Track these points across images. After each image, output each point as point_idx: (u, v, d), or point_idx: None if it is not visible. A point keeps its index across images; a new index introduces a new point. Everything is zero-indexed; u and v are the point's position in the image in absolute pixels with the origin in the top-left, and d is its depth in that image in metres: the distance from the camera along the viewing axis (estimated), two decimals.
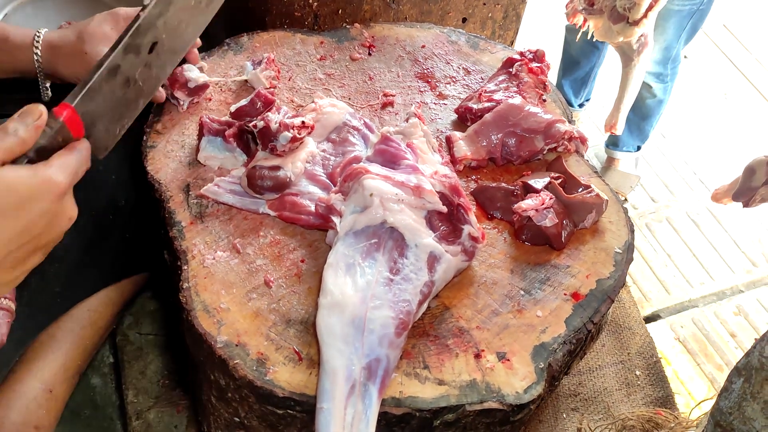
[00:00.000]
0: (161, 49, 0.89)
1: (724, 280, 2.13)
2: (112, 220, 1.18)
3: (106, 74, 0.80)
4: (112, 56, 0.81)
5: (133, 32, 0.83)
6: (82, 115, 0.77)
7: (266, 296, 0.91)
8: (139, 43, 0.84)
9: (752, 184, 1.18)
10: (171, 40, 0.91)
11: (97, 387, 1.41)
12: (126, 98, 0.85)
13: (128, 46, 0.83)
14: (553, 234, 0.98)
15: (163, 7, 0.87)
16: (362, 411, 0.78)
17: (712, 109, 2.71)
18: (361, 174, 0.93)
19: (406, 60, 1.29)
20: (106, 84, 0.81)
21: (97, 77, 0.79)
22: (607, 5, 1.40)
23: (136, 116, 0.89)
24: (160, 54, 0.89)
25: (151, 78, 0.89)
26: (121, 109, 0.85)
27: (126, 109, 0.86)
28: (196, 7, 0.94)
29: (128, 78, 0.84)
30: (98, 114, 0.80)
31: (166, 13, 0.88)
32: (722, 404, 0.87)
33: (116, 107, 0.84)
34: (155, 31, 0.87)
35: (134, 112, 0.88)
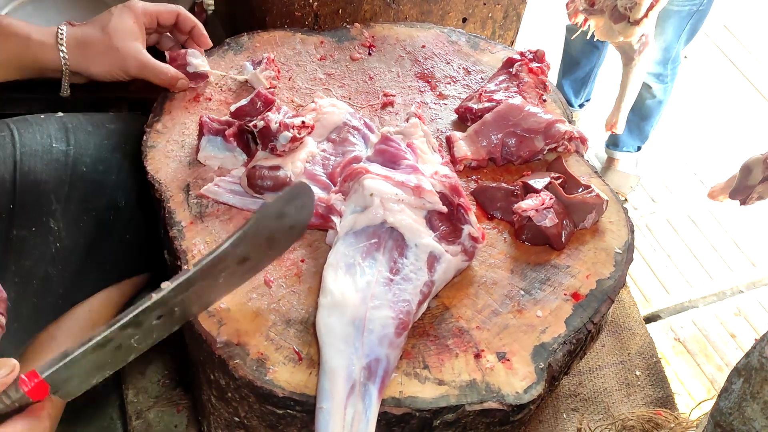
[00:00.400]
0: (169, 318, 0.78)
1: (724, 281, 2.13)
2: (113, 221, 1.18)
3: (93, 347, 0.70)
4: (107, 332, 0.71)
5: (139, 313, 0.72)
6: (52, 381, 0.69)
7: (266, 296, 0.91)
8: (143, 319, 0.74)
9: (749, 182, 1.19)
10: (183, 310, 0.79)
11: (97, 387, 1.41)
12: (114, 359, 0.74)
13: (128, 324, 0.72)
14: (553, 234, 0.98)
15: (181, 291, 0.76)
16: (362, 411, 0.78)
17: (712, 110, 2.71)
18: (361, 174, 0.93)
19: (407, 60, 1.29)
20: (91, 355, 0.71)
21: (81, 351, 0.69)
22: (608, 5, 1.40)
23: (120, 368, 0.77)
24: (166, 322, 0.78)
25: (149, 340, 0.78)
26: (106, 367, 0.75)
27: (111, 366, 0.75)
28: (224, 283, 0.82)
29: (121, 344, 0.74)
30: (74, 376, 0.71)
31: (183, 293, 0.76)
32: (722, 404, 0.87)
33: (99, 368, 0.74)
34: (165, 307, 0.76)
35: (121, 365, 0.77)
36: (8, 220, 1.05)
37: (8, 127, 1.10)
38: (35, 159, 1.08)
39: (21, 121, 1.12)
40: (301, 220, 0.85)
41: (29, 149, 1.08)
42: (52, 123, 1.13)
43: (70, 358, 0.69)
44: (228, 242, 0.76)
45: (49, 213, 1.08)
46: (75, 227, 1.11)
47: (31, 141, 1.09)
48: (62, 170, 1.10)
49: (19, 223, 1.05)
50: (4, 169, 1.05)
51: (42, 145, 1.10)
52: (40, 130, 1.11)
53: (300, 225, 0.85)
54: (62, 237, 1.09)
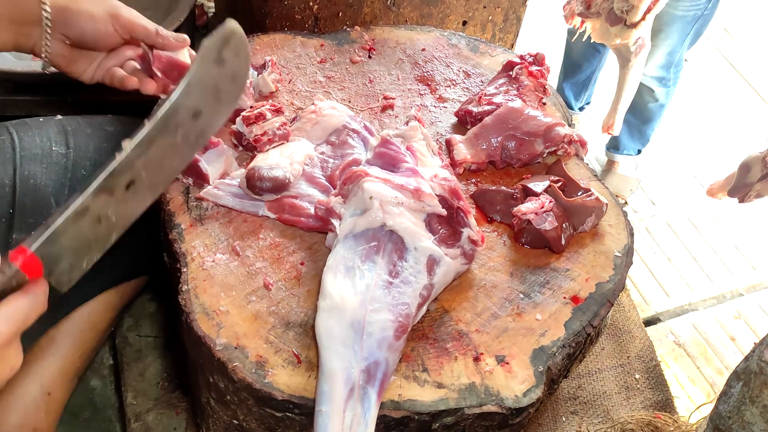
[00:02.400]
0: (140, 186, 0.80)
1: (724, 284, 2.13)
2: None
3: (72, 217, 0.73)
4: (81, 199, 0.74)
5: (107, 175, 0.75)
6: (42, 256, 0.71)
7: (265, 299, 0.91)
8: (114, 184, 0.77)
9: (747, 180, 1.19)
10: (151, 177, 0.81)
11: (97, 389, 1.41)
12: (96, 235, 0.77)
13: (101, 189, 0.75)
14: (552, 237, 0.98)
15: (143, 149, 0.79)
16: (361, 414, 0.78)
17: (712, 113, 2.71)
18: (360, 177, 0.93)
19: (406, 63, 1.29)
20: (72, 225, 0.74)
21: (62, 220, 0.72)
22: (604, 8, 1.40)
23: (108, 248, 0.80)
24: (138, 190, 0.80)
25: (126, 213, 0.80)
26: (90, 245, 0.77)
27: (96, 244, 0.78)
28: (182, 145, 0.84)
29: (99, 216, 0.76)
30: (62, 253, 0.74)
31: (146, 154, 0.79)
32: (721, 408, 0.87)
33: (84, 245, 0.76)
34: (133, 170, 0.78)
35: (105, 245, 0.80)
36: (8, 223, 1.05)
37: (8, 130, 1.10)
38: (35, 162, 1.08)
39: (20, 125, 1.12)
40: (240, 69, 0.87)
41: (29, 152, 1.08)
42: (52, 126, 1.13)
43: (53, 229, 0.71)
44: (176, 92, 0.79)
45: (49, 216, 1.08)
46: None
47: (31, 144, 1.09)
48: (62, 173, 1.10)
49: (18, 227, 1.05)
50: (4, 172, 1.05)
51: (41, 148, 1.10)
52: (39, 133, 1.11)
53: (240, 76, 0.88)
54: None
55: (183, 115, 0.81)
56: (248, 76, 0.92)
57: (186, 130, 0.83)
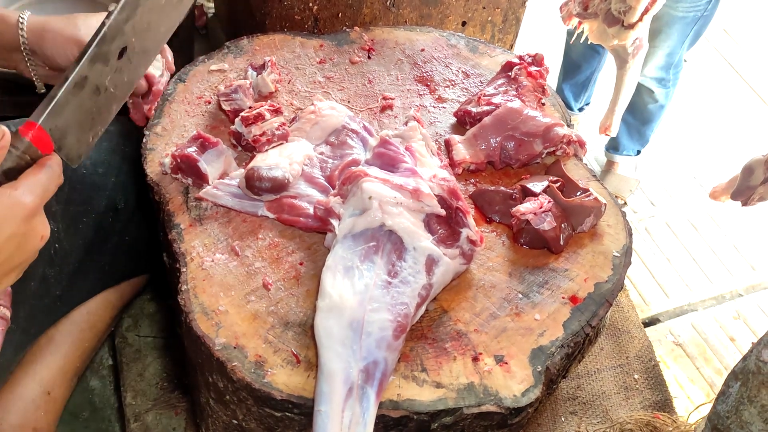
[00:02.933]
0: (131, 53, 0.85)
1: (723, 284, 2.13)
2: (112, 223, 1.18)
3: (72, 87, 0.77)
4: (78, 68, 0.77)
5: (99, 41, 0.79)
6: (50, 130, 0.75)
7: (265, 299, 0.91)
8: (107, 50, 0.81)
9: (750, 183, 1.19)
10: (141, 42, 0.87)
11: (96, 389, 1.42)
12: (97, 106, 0.82)
13: (95, 56, 0.79)
14: (551, 237, 0.98)
15: (130, 12, 0.83)
16: (360, 414, 0.78)
17: (711, 114, 2.72)
18: (359, 177, 0.93)
19: (406, 63, 1.30)
20: (73, 96, 0.78)
21: (63, 91, 0.76)
22: (602, 8, 1.40)
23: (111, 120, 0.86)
24: (131, 58, 0.85)
25: (123, 83, 0.86)
26: (93, 117, 0.82)
27: (98, 117, 0.83)
28: (166, 7, 0.89)
29: (98, 86, 0.81)
30: (68, 126, 0.78)
31: (133, 17, 0.83)
32: (719, 408, 0.87)
33: (87, 117, 0.81)
34: (123, 36, 0.83)
35: (107, 117, 0.85)
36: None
37: (9, 129, 1.10)
38: None
39: (21, 124, 1.12)
40: None
41: None
42: None
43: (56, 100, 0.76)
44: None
45: (49, 214, 1.08)
46: (74, 229, 1.12)
47: None
48: None
49: None
50: None
51: None
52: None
53: None
54: (61, 238, 1.09)
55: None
56: None
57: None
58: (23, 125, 0.73)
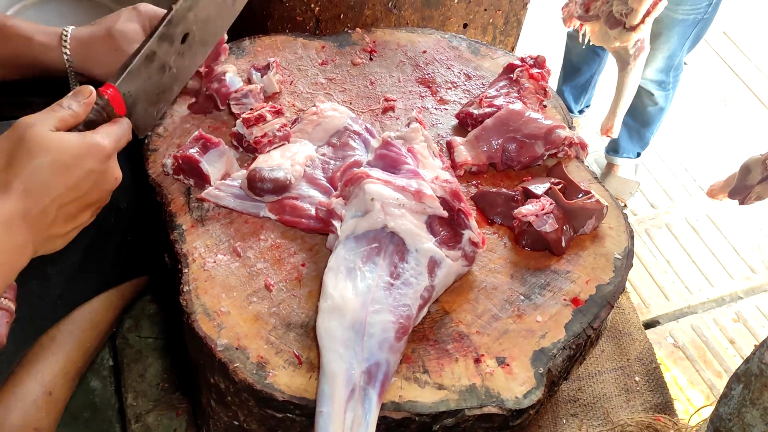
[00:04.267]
0: (192, 40, 0.98)
1: (723, 287, 2.13)
2: (114, 223, 1.18)
3: (144, 59, 0.90)
4: (149, 43, 0.90)
5: (167, 23, 0.91)
6: (123, 95, 0.87)
7: (266, 300, 0.91)
8: (173, 33, 0.93)
9: (748, 182, 1.19)
10: (201, 32, 0.99)
11: (97, 390, 1.41)
12: (162, 83, 0.95)
13: (163, 35, 0.91)
14: (553, 239, 0.98)
15: (193, 2, 0.95)
16: (362, 415, 0.78)
17: (711, 116, 2.72)
18: (362, 178, 0.93)
19: (408, 65, 1.30)
20: (144, 68, 0.90)
21: (137, 61, 0.89)
22: (603, 11, 1.40)
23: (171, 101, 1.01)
24: (191, 45, 0.98)
25: (184, 66, 0.98)
26: (158, 92, 0.95)
27: (162, 93, 0.96)
28: (223, 4, 1.02)
29: (164, 64, 0.93)
30: (138, 95, 0.91)
31: (195, 7, 0.95)
32: (721, 410, 0.87)
33: (153, 90, 0.94)
34: (186, 22, 0.95)
35: (170, 96, 0.99)
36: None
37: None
38: None
39: None
40: None
41: None
42: None
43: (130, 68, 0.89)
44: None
45: None
46: None
47: None
48: None
49: None
50: None
51: None
52: None
53: None
54: None
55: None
56: None
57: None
58: (102, 86, 0.86)
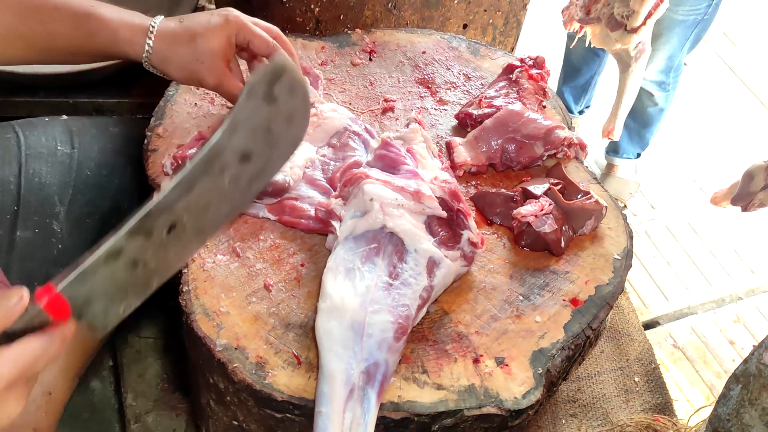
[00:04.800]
0: (182, 231, 0.75)
1: (723, 288, 2.13)
2: (115, 224, 1.18)
3: (103, 258, 0.69)
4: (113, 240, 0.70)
5: (143, 216, 0.71)
6: (70, 297, 0.67)
7: (266, 300, 0.91)
8: (150, 226, 0.72)
9: (751, 188, 1.19)
10: (196, 221, 0.75)
11: (96, 390, 1.41)
12: (133, 279, 0.73)
13: (136, 230, 0.71)
14: (552, 240, 0.98)
15: (183, 191, 0.73)
16: (361, 415, 0.78)
17: (711, 117, 2.72)
18: (361, 179, 0.93)
19: (407, 65, 1.30)
20: (104, 267, 0.69)
21: (92, 261, 0.68)
22: (604, 13, 1.40)
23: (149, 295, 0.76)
24: (180, 236, 0.75)
25: (167, 259, 0.75)
26: (127, 289, 0.73)
27: (133, 290, 0.74)
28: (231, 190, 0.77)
29: (135, 260, 0.72)
30: (94, 295, 0.70)
31: (186, 196, 0.74)
32: (720, 411, 0.87)
33: (119, 289, 0.72)
34: (172, 214, 0.73)
35: (145, 291, 0.75)
36: (12, 222, 1.05)
37: (13, 129, 1.10)
38: (40, 161, 1.09)
39: (26, 124, 1.12)
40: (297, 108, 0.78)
41: (34, 151, 1.09)
42: (57, 126, 1.14)
43: (83, 269, 0.67)
44: (220, 131, 0.73)
45: (53, 215, 1.08)
46: (78, 230, 1.12)
47: (36, 143, 1.10)
48: (66, 173, 1.10)
49: (22, 225, 1.05)
50: (9, 171, 1.06)
51: (47, 147, 1.10)
52: (44, 132, 1.12)
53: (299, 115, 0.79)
54: (65, 239, 1.09)
55: (228, 156, 0.74)
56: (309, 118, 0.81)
57: (234, 173, 0.76)
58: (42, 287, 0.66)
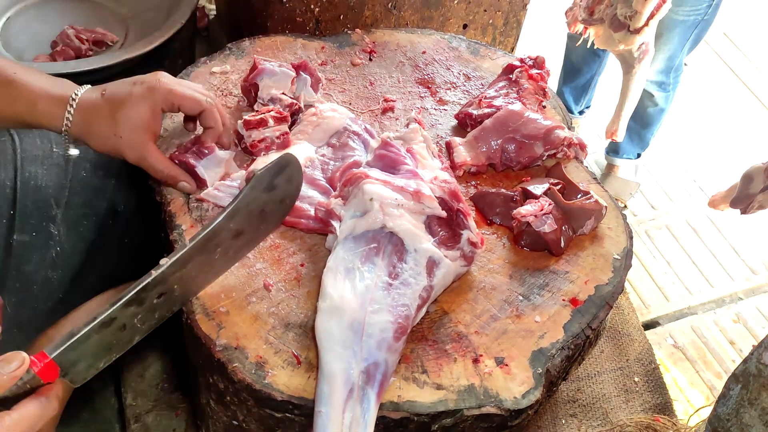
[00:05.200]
0: (170, 297, 0.81)
1: (723, 288, 2.13)
2: (112, 225, 1.18)
3: (97, 327, 0.73)
4: (109, 311, 0.74)
5: (139, 290, 0.76)
6: (60, 362, 0.71)
7: (265, 300, 0.91)
8: (144, 297, 0.77)
9: (750, 191, 1.19)
10: (184, 288, 0.83)
11: (96, 390, 1.41)
12: (119, 339, 0.77)
13: (130, 302, 0.76)
14: (551, 240, 0.98)
15: (179, 267, 0.79)
16: (360, 415, 0.78)
17: (711, 117, 2.72)
18: (360, 179, 0.93)
19: (407, 65, 1.30)
20: (96, 334, 0.74)
21: (87, 330, 0.72)
22: (607, 14, 1.40)
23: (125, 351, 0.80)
24: (168, 300, 0.81)
25: (152, 319, 0.81)
26: (111, 348, 0.77)
27: (116, 347, 0.78)
28: (221, 259, 0.85)
29: (125, 324, 0.77)
30: (81, 357, 0.74)
31: (181, 271, 0.80)
32: (720, 411, 0.87)
33: (105, 349, 0.76)
34: (165, 285, 0.79)
35: (126, 347, 0.79)
36: (9, 225, 1.05)
37: (9, 132, 1.10)
38: (36, 164, 1.09)
39: None
40: (290, 192, 0.90)
41: (30, 154, 1.09)
42: None
43: (77, 338, 0.72)
44: (222, 216, 0.81)
45: (50, 218, 1.08)
46: (75, 232, 1.12)
47: (32, 146, 1.10)
48: (62, 175, 1.10)
49: (19, 228, 1.05)
50: (5, 174, 1.06)
51: (42, 149, 1.10)
52: (40, 135, 1.12)
53: (290, 198, 0.90)
54: (62, 241, 1.09)
55: (224, 235, 0.83)
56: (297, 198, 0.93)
57: (225, 247, 0.84)
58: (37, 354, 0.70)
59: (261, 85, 1.11)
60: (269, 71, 1.11)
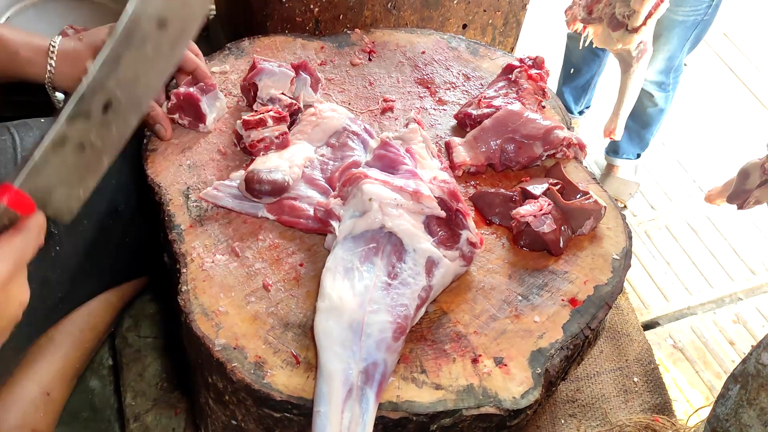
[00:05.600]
0: (118, 106, 0.77)
1: (722, 288, 2.13)
2: (112, 224, 1.18)
3: (51, 147, 0.72)
4: (55, 128, 0.72)
5: (78, 100, 0.73)
6: (30, 191, 0.71)
7: (265, 300, 0.91)
8: (87, 108, 0.74)
9: (746, 186, 1.19)
10: (129, 94, 0.79)
11: (96, 389, 1.42)
12: (84, 162, 0.76)
13: (74, 114, 0.73)
14: (551, 240, 0.98)
15: (111, 68, 0.75)
16: (359, 415, 0.78)
17: (711, 117, 2.72)
18: (360, 179, 0.93)
19: (406, 66, 1.30)
20: (53, 156, 0.73)
21: (41, 153, 0.72)
22: (606, 13, 1.40)
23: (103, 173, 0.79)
24: (117, 111, 0.78)
25: (111, 135, 0.78)
26: (81, 172, 0.77)
27: (87, 171, 0.78)
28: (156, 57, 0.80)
29: (81, 143, 0.75)
30: (52, 185, 0.74)
31: (116, 71, 0.76)
32: (719, 411, 0.87)
33: (74, 173, 0.76)
34: (105, 91, 0.76)
35: (98, 170, 0.79)
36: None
37: (9, 130, 1.10)
38: None
39: (21, 125, 1.12)
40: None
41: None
42: None
43: (33, 162, 0.71)
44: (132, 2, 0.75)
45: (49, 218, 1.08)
46: (74, 231, 1.12)
47: (32, 145, 1.10)
48: None
49: None
50: (5, 173, 1.06)
51: None
52: (40, 133, 1.12)
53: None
54: (62, 241, 1.09)
55: (146, 25, 0.77)
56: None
57: (155, 41, 0.79)
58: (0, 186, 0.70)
59: (260, 85, 1.11)
60: (268, 71, 1.11)
